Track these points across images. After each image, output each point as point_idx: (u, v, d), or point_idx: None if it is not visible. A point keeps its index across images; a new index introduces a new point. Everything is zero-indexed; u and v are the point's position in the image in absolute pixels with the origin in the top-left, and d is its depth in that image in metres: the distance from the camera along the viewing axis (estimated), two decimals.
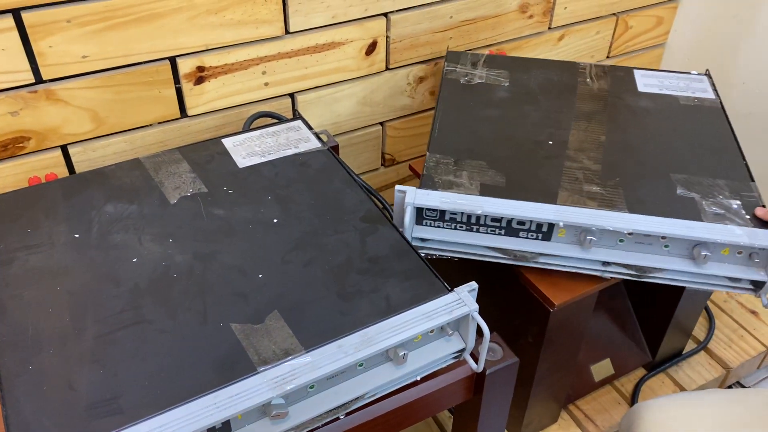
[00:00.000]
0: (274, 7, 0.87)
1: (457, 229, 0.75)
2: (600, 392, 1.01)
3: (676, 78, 0.98)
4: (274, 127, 0.83)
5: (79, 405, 0.51)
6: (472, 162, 0.79)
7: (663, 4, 1.25)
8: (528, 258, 0.75)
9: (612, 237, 0.73)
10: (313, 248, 0.65)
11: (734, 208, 0.75)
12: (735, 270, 0.73)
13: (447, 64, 0.98)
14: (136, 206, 0.70)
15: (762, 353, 1.08)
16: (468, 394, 0.66)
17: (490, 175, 0.77)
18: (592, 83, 0.94)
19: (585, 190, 0.76)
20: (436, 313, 0.58)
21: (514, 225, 0.74)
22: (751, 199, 0.76)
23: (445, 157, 0.80)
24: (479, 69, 0.96)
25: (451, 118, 0.87)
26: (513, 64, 0.99)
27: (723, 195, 0.77)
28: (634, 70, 0.98)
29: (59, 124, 0.82)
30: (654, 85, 0.95)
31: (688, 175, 0.79)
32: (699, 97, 0.93)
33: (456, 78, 0.95)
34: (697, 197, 0.76)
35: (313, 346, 0.55)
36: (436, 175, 0.77)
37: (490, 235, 0.75)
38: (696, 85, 0.96)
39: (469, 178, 0.77)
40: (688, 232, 0.71)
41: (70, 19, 0.76)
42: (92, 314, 0.58)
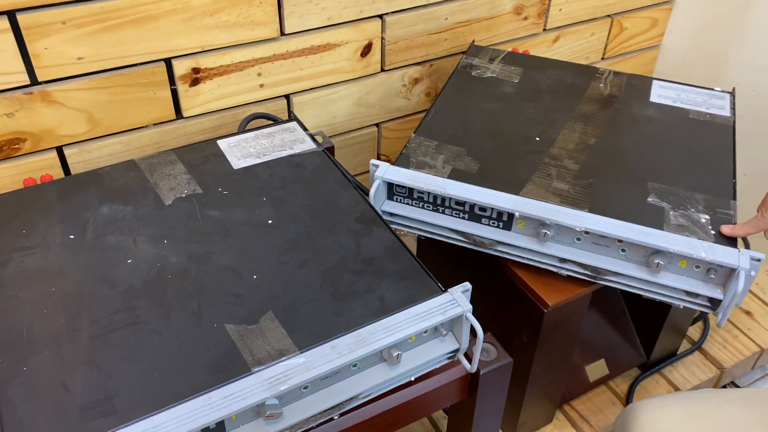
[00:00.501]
0: (269, 9, 0.87)
1: (424, 208, 0.78)
2: (595, 392, 1.02)
3: (696, 92, 0.95)
4: (269, 129, 0.83)
5: (74, 405, 0.51)
6: (453, 148, 0.82)
7: (657, 5, 1.26)
8: (486, 245, 0.76)
9: (569, 234, 0.74)
10: (307, 249, 0.66)
11: (702, 222, 0.73)
12: (692, 284, 0.72)
13: (465, 57, 0.99)
14: (131, 207, 0.70)
15: (756, 353, 1.08)
16: (462, 394, 0.66)
17: (465, 162, 0.79)
18: (604, 88, 0.94)
19: (553, 186, 0.77)
20: (430, 313, 0.58)
21: (477, 211, 0.76)
22: (724, 216, 0.74)
23: (428, 140, 0.83)
24: (495, 64, 0.98)
25: (448, 106, 0.89)
26: (531, 62, 0.99)
27: (696, 208, 0.75)
28: (653, 81, 0.97)
29: (55, 125, 0.82)
30: (668, 96, 0.94)
31: (666, 185, 0.78)
32: (712, 113, 0.91)
33: (469, 70, 0.97)
34: (667, 207, 0.75)
35: (308, 347, 0.55)
36: (413, 155, 0.80)
37: (453, 218, 0.77)
38: (715, 102, 0.93)
39: (444, 161, 0.79)
40: (643, 238, 0.70)
41: (65, 21, 0.76)
42: (87, 315, 0.58)
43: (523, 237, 0.75)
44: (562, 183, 0.77)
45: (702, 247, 0.69)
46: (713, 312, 0.73)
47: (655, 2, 1.25)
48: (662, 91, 0.95)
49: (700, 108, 0.92)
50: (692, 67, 1.29)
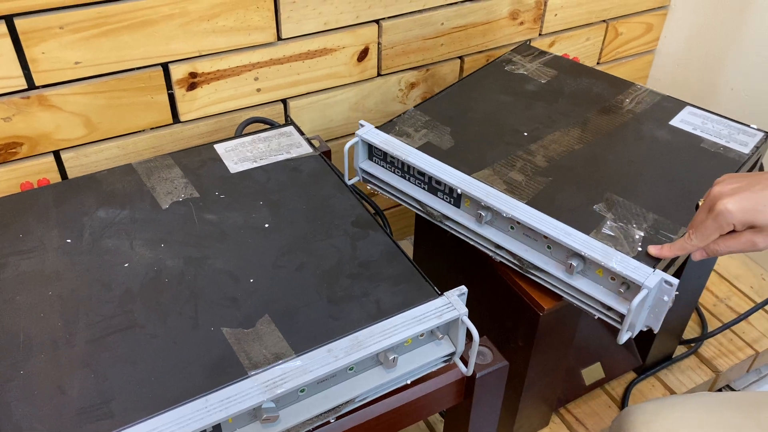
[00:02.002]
0: (266, 14, 0.88)
1: (394, 173, 0.83)
2: (591, 396, 1.02)
3: (725, 125, 0.88)
4: (266, 133, 0.83)
5: (71, 409, 0.51)
6: (440, 126, 0.85)
7: (652, 11, 1.27)
8: (435, 217, 0.80)
9: (504, 222, 0.75)
10: (304, 253, 0.66)
11: (634, 237, 0.71)
12: (603, 294, 0.70)
13: (510, 52, 1.01)
14: (128, 211, 0.70)
15: (751, 356, 1.09)
16: (458, 397, 0.66)
17: (442, 139, 0.83)
18: (628, 104, 0.92)
19: (509, 175, 0.78)
20: (426, 317, 0.58)
21: (434, 183, 0.79)
22: (664, 239, 0.70)
23: (422, 115, 0.87)
24: (533, 63, 0.99)
25: (461, 90, 0.92)
26: (572, 68, 0.99)
27: (637, 224, 0.72)
28: (687, 106, 0.92)
29: (52, 129, 0.82)
30: (691, 123, 0.89)
31: (624, 199, 0.75)
32: (728, 147, 0.85)
33: (504, 64, 0.99)
34: (609, 217, 0.73)
35: (304, 350, 0.55)
36: (401, 124, 0.85)
37: (415, 187, 0.81)
38: (741, 137, 0.87)
39: (424, 135, 0.83)
40: (563, 237, 0.69)
41: (62, 26, 0.76)
42: (84, 319, 0.59)
43: (467, 216, 0.78)
44: (520, 175, 0.78)
45: (615, 258, 0.67)
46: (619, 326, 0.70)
47: (650, 7, 1.26)
48: (689, 117, 0.90)
49: (719, 140, 0.86)
50: (687, 72, 1.30)
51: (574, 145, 0.84)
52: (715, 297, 1.18)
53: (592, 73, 0.99)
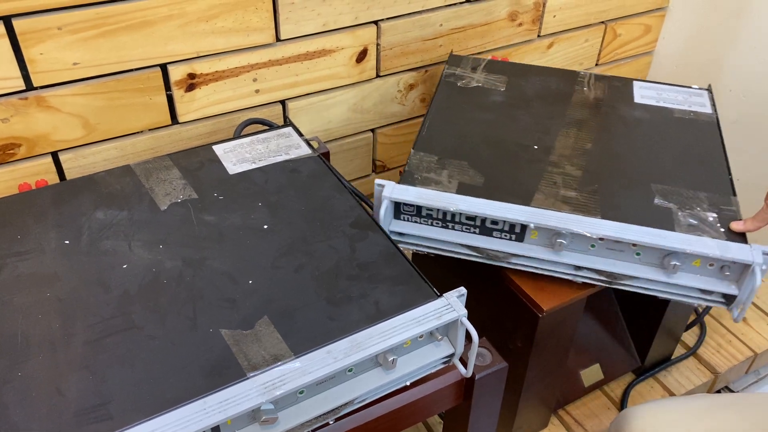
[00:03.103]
0: (264, 15, 0.88)
1: (433, 225, 0.77)
2: (589, 397, 1.02)
3: (676, 91, 0.97)
4: (264, 134, 0.83)
5: (69, 411, 0.51)
6: (455, 161, 0.81)
7: (651, 12, 1.27)
8: (500, 258, 0.76)
9: (584, 242, 0.74)
10: (302, 254, 0.66)
11: (710, 221, 0.74)
12: (706, 282, 0.73)
13: (447, 67, 0.99)
14: (126, 213, 0.70)
15: (750, 358, 1.09)
16: (457, 399, 0.66)
17: (470, 175, 0.78)
18: (589, 92, 0.95)
19: (561, 194, 0.77)
20: (425, 318, 0.58)
21: (488, 224, 0.75)
22: (729, 212, 0.76)
23: (428, 155, 0.82)
24: (478, 73, 0.98)
25: (441, 119, 0.89)
26: (513, 69, 1.00)
27: (701, 207, 0.76)
28: (633, 82, 0.98)
29: (50, 131, 0.82)
30: (651, 96, 0.96)
31: (669, 186, 0.79)
32: (696, 111, 0.93)
33: (453, 81, 0.96)
34: (674, 207, 0.76)
35: (303, 352, 0.55)
36: (417, 171, 0.79)
37: (464, 233, 0.76)
38: (695, 99, 0.95)
39: (449, 176, 0.78)
40: (659, 241, 0.71)
41: (61, 27, 0.76)
42: (82, 320, 0.58)
43: (537, 248, 0.75)
44: (569, 191, 0.77)
45: (716, 246, 0.71)
46: (728, 308, 0.74)
47: (649, 9, 1.26)
48: (644, 91, 0.97)
49: (682, 106, 0.94)
50: (686, 73, 1.30)
51: (584, 145, 0.85)
52: None
53: (534, 71, 1.00)
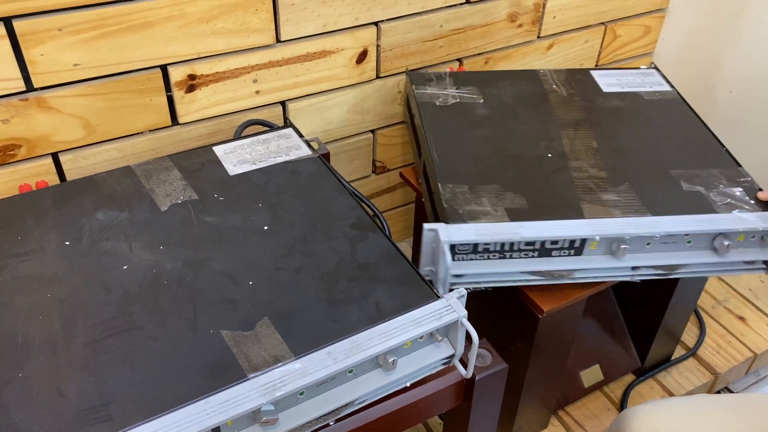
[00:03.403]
0: (265, 16, 0.88)
1: (490, 259, 0.72)
2: (589, 398, 1.02)
3: (630, 74, 1.00)
4: (264, 135, 0.83)
5: (69, 412, 0.51)
6: (486, 187, 0.77)
7: (651, 13, 1.27)
8: (565, 275, 0.73)
9: (640, 241, 0.74)
10: (303, 255, 0.66)
11: (738, 195, 0.78)
12: (750, 253, 0.76)
13: (415, 87, 0.94)
14: (126, 213, 0.70)
15: (749, 359, 1.09)
16: (458, 400, 0.66)
17: (509, 198, 0.75)
18: (559, 89, 0.95)
19: (603, 198, 0.77)
20: (426, 319, 0.58)
21: (548, 245, 0.72)
22: (746, 183, 0.80)
23: (458, 186, 0.77)
24: (449, 88, 0.94)
25: (444, 144, 0.84)
26: (477, 79, 0.97)
27: (722, 184, 0.80)
28: (591, 71, 1.00)
29: (50, 131, 0.82)
30: (614, 84, 0.98)
31: (685, 170, 0.82)
32: (658, 91, 0.97)
33: (430, 100, 0.92)
34: (702, 190, 0.79)
35: (303, 353, 0.55)
36: (457, 206, 0.74)
37: (525, 260, 0.73)
38: (650, 79, 0.99)
39: (492, 204, 0.74)
40: (710, 226, 0.74)
41: (61, 28, 0.76)
42: (82, 321, 0.58)
43: (598, 257, 0.74)
44: (606, 193, 0.77)
45: (759, 219, 0.75)
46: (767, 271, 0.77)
47: (649, 10, 1.26)
48: (605, 79, 0.99)
49: (645, 88, 0.97)
50: (685, 75, 1.30)
51: (590, 144, 0.85)
52: (714, 299, 1.18)
53: (498, 76, 0.99)
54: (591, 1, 1.17)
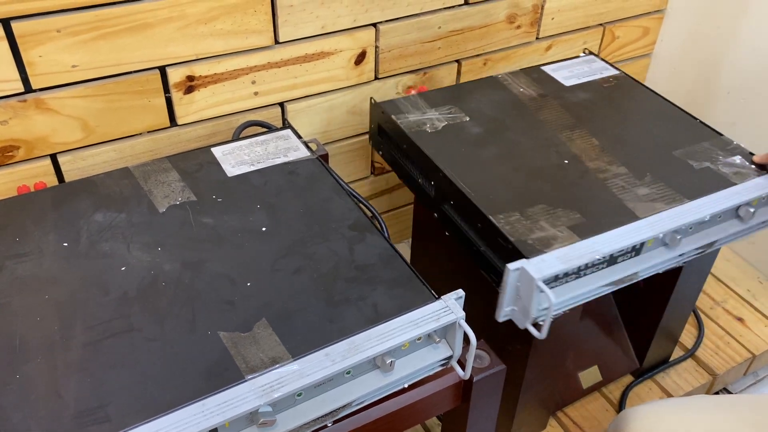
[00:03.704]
0: (263, 18, 0.88)
1: (568, 282, 0.70)
2: (588, 399, 1.02)
3: (577, 64, 1.02)
4: (263, 136, 0.83)
5: (67, 413, 0.51)
6: (534, 209, 0.74)
7: (649, 14, 1.27)
8: (633, 278, 0.73)
9: (687, 227, 0.76)
10: (301, 256, 0.66)
11: (740, 163, 0.82)
12: (765, 213, 0.80)
13: (396, 117, 0.87)
14: (125, 215, 0.70)
15: (748, 360, 1.09)
16: (456, 401, 0.66)
17: (563, 215, 0.74)
18: (527, 91, 0.95)
19: (640, 195, 0.77)
20: (424, 320, 0.58)
21: (614, 255, 0.71)
22: (737, 150, 0.85)
23: (509, 214, 0.73)
24: (429, 111, 0.89)
25: (464, 172, 0.79)
26: (448, 95, 0.93)
27: (720, 155, 0.84)
28: (542, 68, 1.01)
29: (49, 133, 0.82)
30: (570, 76, 0.99)
31: (683, 149, 0.85)
32: (610, 76, 0.99)
33: (419, 128, 0.86)
34: (710, 165, 0.82)
35: (301, 354, 0.55)
36: (523, 237, 0.70)
37: (597, 273, 0.72)
38: (596, 66, 1.01)
39: (552, 225, 0.72)
40: (739, 198, 0.77)
41: (60, 29, 0.76)
42: (80, 322, 0.58)
43: (655, 252, 0.74)
44: (640, 188, 0.78)
45: None
46: None
47: (647, 11, 1.26)
48: (559, 73, 0.99)
49: (597, 76, 0.99)
50: (684, 76, 1.30)
51: (593, 142, 0.86)
52: (712, 300, 1.18)
53: (465, 89, 0.95)
54: (589, 2, 1.17)
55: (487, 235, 0.73)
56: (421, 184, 0.85)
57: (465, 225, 0.78)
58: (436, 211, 0.83)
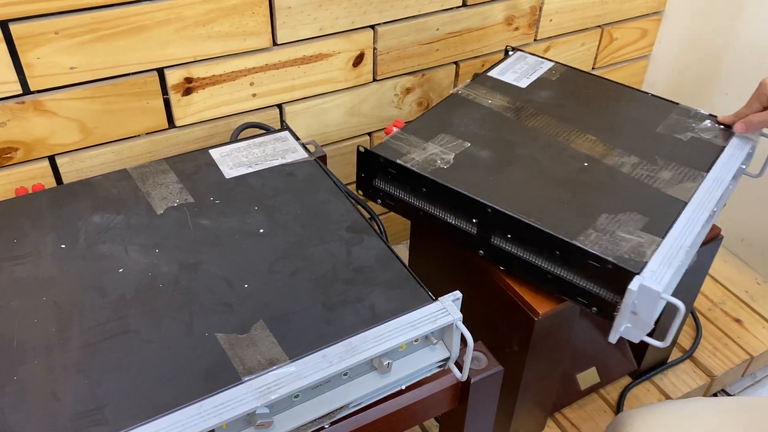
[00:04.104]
0: (261, 20, 0.88)
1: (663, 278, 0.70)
2: (586, 400, 1.02)
3: (514, 63, 1.01)
4: (261, 138, 0.83)
5: (64, 415, 0.51)
6: (601, 220, 0.73)
7: (647, 16, 1.27)
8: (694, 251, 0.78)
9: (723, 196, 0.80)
10: (298, 258, 0.66)
11: (714, 126, 0.89)
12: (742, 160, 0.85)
13: (401, 160, 0.80)
14: (122, 217, 0.70)
15: (746, 361, 1.09)
16: (453, 402, 0.66)
17: (630, 219, 0.73)
18: (492, 100, 0.91)
19: (668, 179, 0.80)
20: (421, 322, 0.58)
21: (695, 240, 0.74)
22: (701, 113, 0.91)
23: (586, 233, 0.71)
24: (429, 146, 0.82)
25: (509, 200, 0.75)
26: (431, 124, 0.87)
27: (694, 123, 0.89)
28: (487, 74, 0.97)
29: (47, 134, 0.82)
30: (519, 77, 0.98)
31: (661, 124, 0.89)
32: (548, 68, 1.00)
33: (433, 167, 0.79)
34: (694, 134, 0.87)
35: (298, 356, 0.55)
36: (616, 252, 0.69)
37: None
38: (530, 61, 1.01)
39: (629, 233, 0.72)
40: (741, 156, 0.83)
41: (58, 31, 0.76)
42: (78, 324, 0.58)
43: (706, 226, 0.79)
44: (663, 173, 0.80)
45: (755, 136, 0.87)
46: None
47: (645, 13, 1.26)
48: (508, 76, 0.98)
49: (539, 71, 0.99)
50: (682, 77, 1.30)
51: (589, 137, 0.87)
52: (710, 301, 1.18)
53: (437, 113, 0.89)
54: (587, 4, 1.18)
55: (572, 259, 0.71)
56: (455, 224, 0.78)
57: (532, 255, 0.74)
58: (481, 249, 0.77)
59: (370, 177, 0.84)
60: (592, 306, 0.72)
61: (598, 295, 0.71)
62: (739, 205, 0.81)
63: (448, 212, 0.79)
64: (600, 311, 0.72)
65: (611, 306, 0.70)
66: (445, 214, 0.79)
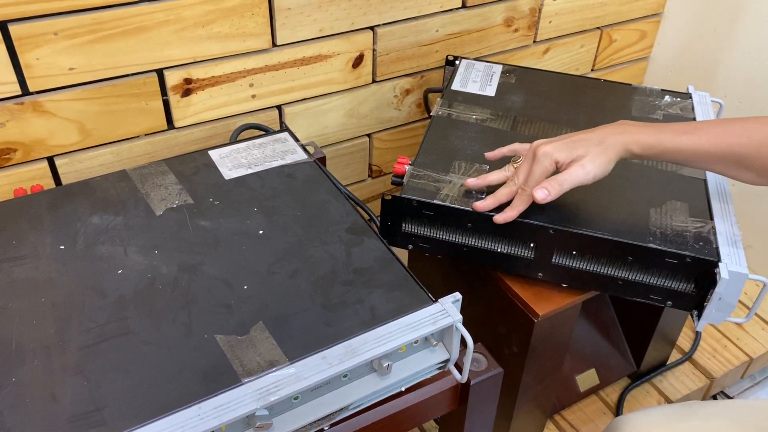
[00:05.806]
0: (261, 21, 0.88)
1: None
2: (585, 402, 1.02)
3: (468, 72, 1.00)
4: (260, 139, 0.83)
5: (63, 417, 0.51)
6: (652, 217, 0.74)
7: (646, 18, 1.27)
8: None
9: None
10: (298, 259, 0.66)
11: (672, 101, 0.94)
12: None
13: (437, 200, 0.76)
14: (121, 218, 0.70)
15: (745, 363, 1.09)
16: (453, 404, 0.66)
17: (675, 209, 0.75)
18: (474, 116, 0.90)
19: None
20: (420, 323, 0.58)
21: None
22: (656, 92, 0.95)
23: (652, 234, 0.72)
24: (452, 177, 0.79)
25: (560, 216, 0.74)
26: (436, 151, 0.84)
27: (656, 101, 0.94)
28: (457, 91, 0.95)
29: (46, 135, 0.82)
30: (484, 85, 0.98)
31: (635, 109, 0.92)
32: (504, 72, 1.01)
33: (465, 197, 0.76)
34: (664, 112, 0.91)
35: (298, 357, 0.55)
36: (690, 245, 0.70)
37: None
38: (479, 66, 1.01)
39: (683, 222, 0.73)
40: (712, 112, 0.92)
41: (57, 32, 0.76)
42: (77, 326, 0.58)
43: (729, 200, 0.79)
44: None
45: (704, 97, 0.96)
46: None
47: (644, 15, 1.27)
48: (472, 86, 0.97)
49: (496, 74, 1.00)
50: (681, 79, 1.30)
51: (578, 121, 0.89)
52: None
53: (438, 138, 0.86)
54: (587, 5, 1.18)
55: (647, 261, 0.71)
56: (509, 254, 0.76)
57: (600, 266, 0.74)
58: (540, 272, 0.76)
59: (398, 223, 0.78)
60: (666, 301, 0.73)
61: (675, 289, 0.72)
62: (740, 207, 0.81)
63: (499, 242, 0.76)
64: (675, 304, 0.72)
65: (688, 297, 0.71)
66: (496, 244, 0.76)
